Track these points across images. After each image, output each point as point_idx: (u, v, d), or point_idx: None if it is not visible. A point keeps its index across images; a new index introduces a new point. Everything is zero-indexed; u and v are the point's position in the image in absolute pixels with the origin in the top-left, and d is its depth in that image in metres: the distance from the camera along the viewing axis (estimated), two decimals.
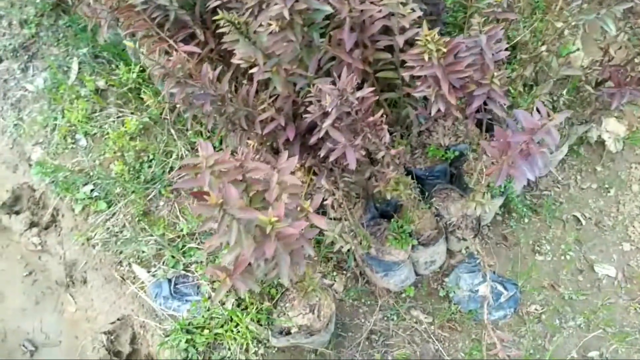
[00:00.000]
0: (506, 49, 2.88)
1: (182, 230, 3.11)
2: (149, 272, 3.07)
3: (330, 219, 2.78)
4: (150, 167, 3.34)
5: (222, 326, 2.77)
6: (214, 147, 1.66)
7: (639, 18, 2.35)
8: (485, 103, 2.29)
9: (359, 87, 2.02)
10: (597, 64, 2.53)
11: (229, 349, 2.75)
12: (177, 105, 2.23)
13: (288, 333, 2.52)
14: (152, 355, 3.12)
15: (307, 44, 2.13)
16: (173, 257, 3.04)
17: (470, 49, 2.09)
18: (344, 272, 3.03)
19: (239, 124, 2.23)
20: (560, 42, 2.52)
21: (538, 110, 1.82)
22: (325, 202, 2.49)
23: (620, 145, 3.26)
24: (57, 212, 3.60)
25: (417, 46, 1.93)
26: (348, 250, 2.70)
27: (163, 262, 3.07)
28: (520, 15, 3.06)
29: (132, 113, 3.61)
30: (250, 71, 2.14)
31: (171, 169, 3.32)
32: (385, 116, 2.60)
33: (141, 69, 3.62)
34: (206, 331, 2.77)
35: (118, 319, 3.22)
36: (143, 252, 3.11)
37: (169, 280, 3.00)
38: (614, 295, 2.95)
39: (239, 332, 2.72)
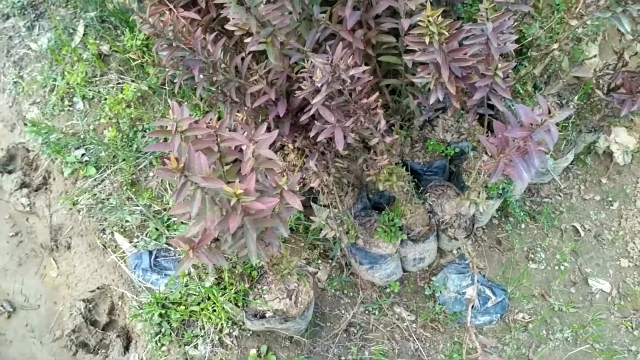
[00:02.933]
0: (520, 47, 2.80)
1: (168, 203, 3.03)
2: (131, 242, 3.01)
3: (320, 205, 2.70)
4: (143, 136, 3.27)
5: (198, 304, 2.70)
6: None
7: None
8: (488, 98, 2.19)
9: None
10: (610, 67, 2.42)
11: (203, 328, 2.68)
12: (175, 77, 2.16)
13: (263, 317, 2.44)
14: (128, 327, 3.06)
15: (306, 17, 2.04)
16: (157, 229, 2.97)
17: (477, 37, 1.99)
18: (330, 261, 2.95)
19: (229, 95, 2.14)
20: (574, 42, 2.40)
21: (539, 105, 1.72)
22: (313, 187, 2.40)
23: (628, 158, 3.14)
24: (48, 174, 3.55)
25: (418, 27, 1.83)
26: (334, 238, 2.62)
27: (146, 234, 3.00)
28: (537, 14, 2.95)
29: (132, 81, 3.53)
30: (245, 40, 2.05)
31: (165, 139, 3.24)
32: (382, 102, 2.52)
33: (146, 36, 3.54)
34: (182, 307, 2.70)
35: (98, 288, 3.17)
36: (127, 221, 3.04)
37: (150, 253, 2.93)
38: (606, 311, 2.85)
39: (214, 311, 2.65)
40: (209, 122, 1.49)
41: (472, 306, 2.73)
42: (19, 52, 3.92)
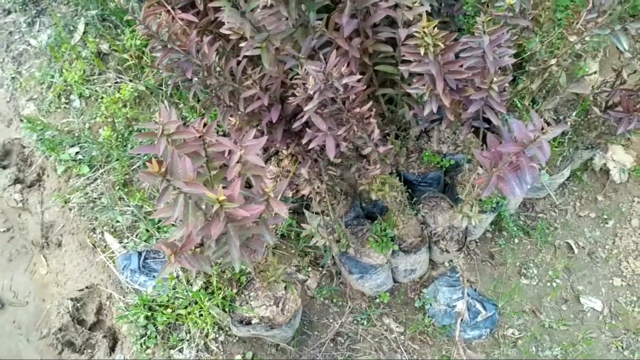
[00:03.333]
0: (519, 60, 2.79)
1: None
2: (120, 242, 2.99)
3: (312, 212, 2.68)
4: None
5: (185, 307, 2.67)
6: (205, 125, 1.55)
7: None
8: (484, 111, 2.18)
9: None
10: (608, 85, 2.40)
11: (189, 332, 2.66)
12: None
13: (249, 323, 2.41)
14: (115, 328, 3.04)
15: (302, 23, 2.02)
16: (147, 230, 2.95)
17: (473, 50, 1.97)
18: (320, 268, 2.92)
19: (223, 99, 2.12)
20: (572, 57, 2.38)
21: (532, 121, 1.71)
22: (304, 193, 2.38)
23: (625, 176, 3.12)
24: (42, 171, 3.54)
25: (414, 38, 1.81)
26: (324, 246, 2.60)
27: (136, 235, 2.98)
28: (538, 29, 2.94)
29: (130, 80, 3.52)
30: (240, 45, 2.03)
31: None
32: (377, 111, 2.50)
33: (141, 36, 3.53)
34: (168, 310, 2.67)
35: (86, 287, 3.15)
36: (118, 221, 3.02)
37: (139, 254, 2.91)
38: (597, 330, 2.82)
39: (201, 315, 2.63)
40: (197, 126, 1.47)
41: (462, 320, 2.71)
42: (18, 47, 3.92)
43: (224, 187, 1.38)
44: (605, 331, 2.82)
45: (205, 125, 1.53)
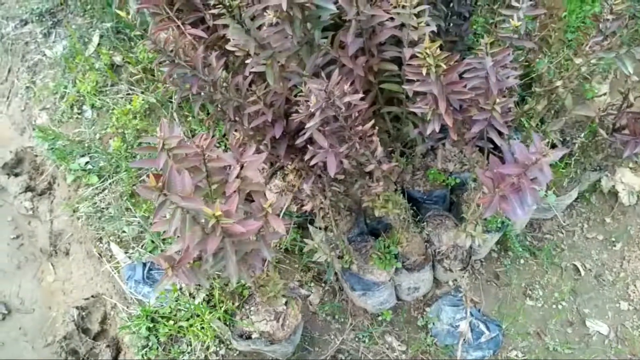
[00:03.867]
0: (528, 80, 2.79)
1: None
2: (126, 253, 3.01)
3: (317, 227, 2.69)
4: None
5: (187, 320, 2.68)
6: (213, 137, 1.57)
7: None
8: (487, 131, 2.18)
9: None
10: (615, 108, 2.39)
11: (190, 344, 2.66)
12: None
13: (249, 337, 2.41)
14: (118, 338, 3.05)
15: (308, 41, 2.04)
16: (152, 242, 2.97)
17: (477, 71, 1.98)
18: (323, 284, 2.92)
19: (228, 113, 2.15)
20: (578, 79, 2.38)
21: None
22: (307, 209, 2.39)
23: (634, 199, 3.09)
24: (53, 179, 3.58)
25: (417, 58, 1.82)
26: (327, 261, 2.60)
27: (142, 246, 3.00)
28: (547, 49, 2.94)
29: (142, 92, 3.57)
30: (246, 61, 2.06)
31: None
32: (382, 129, 2.51)
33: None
34: (171, 322, 2.68)
35: (92, 296, 3.17)
36: (124, 232, 3.05)
37: (144, 265, 2.93)
38: (602, 354, 2.78)
39: (202, 328, 2.63)
40: (199, 141, 1.49)
41: (465, 340, 2.69)
42: (34, 57, 3.99)
43: (223, 202, 1.40)
44: (610, 355, 2.78)
45: (212, 137, 1.55)
